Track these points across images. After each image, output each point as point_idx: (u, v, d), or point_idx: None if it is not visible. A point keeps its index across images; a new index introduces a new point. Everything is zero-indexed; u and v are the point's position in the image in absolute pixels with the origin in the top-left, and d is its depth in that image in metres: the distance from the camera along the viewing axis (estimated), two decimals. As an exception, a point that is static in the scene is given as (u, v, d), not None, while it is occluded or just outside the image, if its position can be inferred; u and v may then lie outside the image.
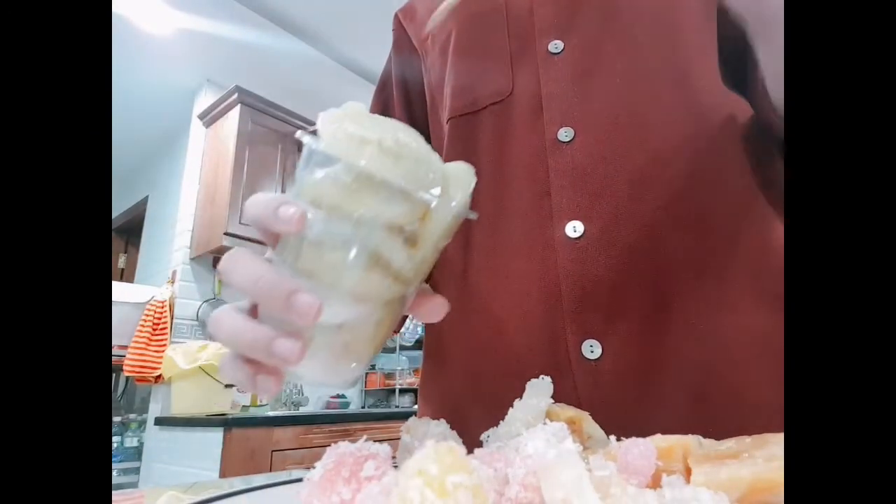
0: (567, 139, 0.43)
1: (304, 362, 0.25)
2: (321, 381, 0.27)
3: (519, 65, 0.48)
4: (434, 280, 0.52)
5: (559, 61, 0.46)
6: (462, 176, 0.27)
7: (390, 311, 0.27)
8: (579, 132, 0.43)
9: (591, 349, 0.38)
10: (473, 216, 0.26)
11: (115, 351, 2.34)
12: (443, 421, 0.32)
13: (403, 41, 0.61)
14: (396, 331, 0.57)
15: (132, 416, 2.64)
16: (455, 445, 0.16)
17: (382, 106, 0.62)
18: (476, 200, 0.48)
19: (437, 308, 0.29)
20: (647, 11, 0.45)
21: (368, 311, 0.26)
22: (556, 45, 0.46)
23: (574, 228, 0.41)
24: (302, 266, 0.25)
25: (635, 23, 0.44)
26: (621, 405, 0.37)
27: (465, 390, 0.46)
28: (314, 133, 0.25)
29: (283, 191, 2.50)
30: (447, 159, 0.52)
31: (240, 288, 0.25)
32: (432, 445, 0.16)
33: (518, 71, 0.48)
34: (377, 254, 0.24)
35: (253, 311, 0.27)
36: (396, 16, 0.62)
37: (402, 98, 0.60)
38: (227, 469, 1.89)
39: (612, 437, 0.23)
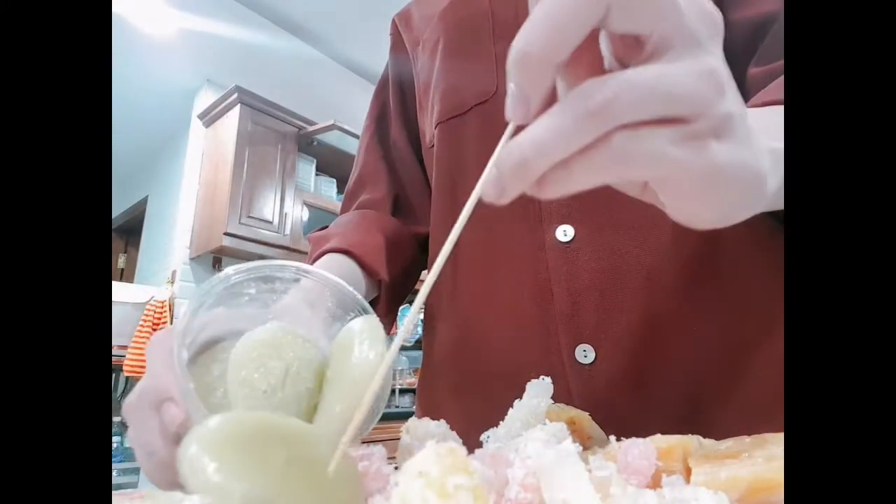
0: None
1: None
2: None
3: (504, 66, 0.48)
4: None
5: None
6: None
7: None
8: None
9: (585, 353, 0.38)
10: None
11: (115, 351, 2.34)
12: (443, 421, 0.32)
13: (399, 46, 0.62)
14: (389, 333, 0.58)
15: (132, 415, 2.64)
16: (456, 446, 0.16)
17: (380, 107, 0.63)
18: (465, 203, 0.48)
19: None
20: None
21: None
22: None
23: (564, 232, 0.41)
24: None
25: None
26: (616, 409, 0.37)
27: (462, 391, 0.46)
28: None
29: (283, 191, 2.51)
30: (437, 164, 0.52)
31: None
32: (433, 446, 0.16)
33: (503, 72, 0.48)
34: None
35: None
36: (393, 20, 0.63)
37: (398, 101, 0.61)
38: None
39: (612, 438, 0.23)
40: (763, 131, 0.22)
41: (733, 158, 0.19)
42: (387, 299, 0.52)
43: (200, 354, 0.27)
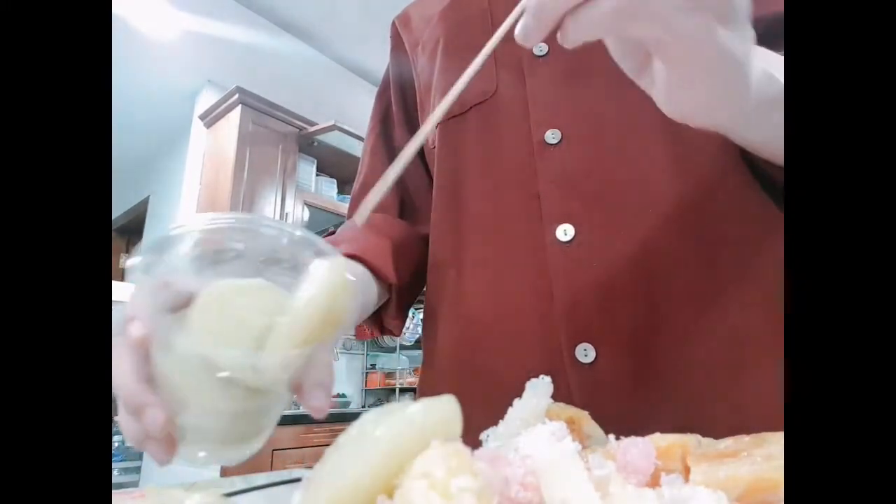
0: (554, 141, 0.43)
1: (181, 450, 0.26)
2: (207, 464, 0.27)
3: (503, 66, 0.48)
4: (428, 282, 0.53)
5: (544, 63, 0.46)
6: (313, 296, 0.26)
7: (263, 409, 0.27)
8: (566, 134, 0.43)
9: (585, 353, 0.38)
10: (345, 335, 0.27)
11: (115, 351, 2.34)
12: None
13: (400, 48, 0.62)
14: (398, 335, 0.57)
15: (133, 416, 2.64)
16: (461, 446, 0.16)
17: (383, 110, 0.63)
18: (466, 202, 0.48)
19: (315, 410, 0.28)
20: None
21: (231, 418, 0.26)
22: (541, 48, 0.46)
23: (565, 232, 0.41)
24: (158, 375, 0.26)
25: None
26: (616, 408, 0.37)
27: (462, 390, 0.46)
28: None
29: (283, 191, 2.51)
30: (438, 164, 0.53)
31: (113, 384, 0.26)
32: (437, 446, 0.16)
33: (502, 72, 0.48)
34: (222, 378, 0.25)
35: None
36: (393, 23, 0.63)
37: (399, 103, 0.62)
38: (228, 468, 1.89)
39: (611, 437, 0.23)
40: (763, 55, 0.26)
41: (731, 46, 0.22)
42: (397, 301, 0.52)
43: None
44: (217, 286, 0.26)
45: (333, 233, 0.55)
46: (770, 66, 0.27)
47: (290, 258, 0.29)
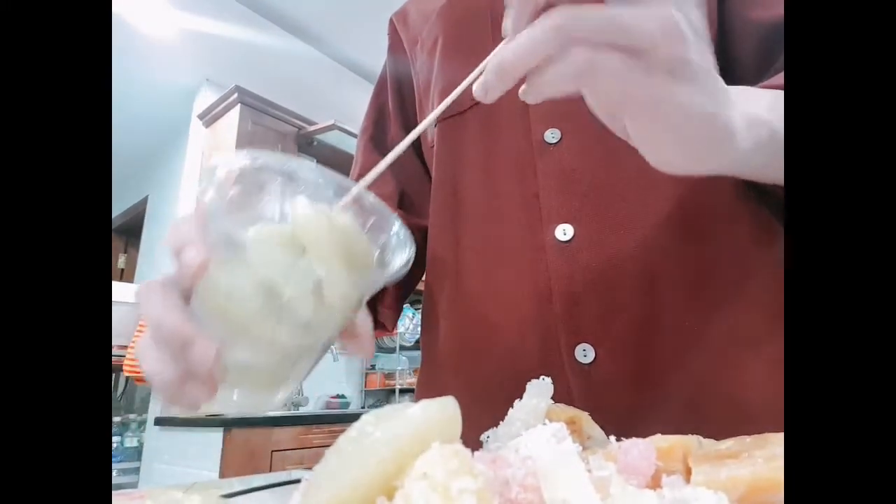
0: (554, 140, 0.43)
1: (220, 395, 0.25)
2: (239, 409, 0.27)
3: None
4: (427, 280, 0.52)
5: None
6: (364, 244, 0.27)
7: (308, 352, 0.27)
8: (566, 133, 0.43)
9: (584, 353, 0.38)
10: (404, 270, 0.27)
11: (115, 351, 2.34)
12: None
13: (397, 45, 0.61)
14: (391, 331, 0.57)
15: (132, 416, 2.64)
16: (461, 448, 0.16)
17: (379, 109, 0.63)
18: (465, 202, 0.48)
19: (362, 349, 0.29)
20: None
21: (281, 355, 0.26)
22: None
23: (564, 232, 0.41)
24: (212, 307, 0.25)
25: None
26: (616, 409, 0.37)
27: (462, 391, 0.46)
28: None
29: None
30: (437, 163, 0.53)
31: (148, 324, 0.25)
32: (437, 447, 0.16)
33: None
34: (284, 308, 0.24)
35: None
36: (391, 20, 0.63)
37: (396, 102, 0.61)
38: (227, 469, 1.88)
39: (612, 438, 0.23)
40: (745, 99, 0.26)
41: (690, 100, 0.22)
42: (393, 292, 0.52)
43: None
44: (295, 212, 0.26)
45: None
46: (758, 106, 0.27)
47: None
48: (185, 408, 0.26)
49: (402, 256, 0.29)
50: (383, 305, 0.53)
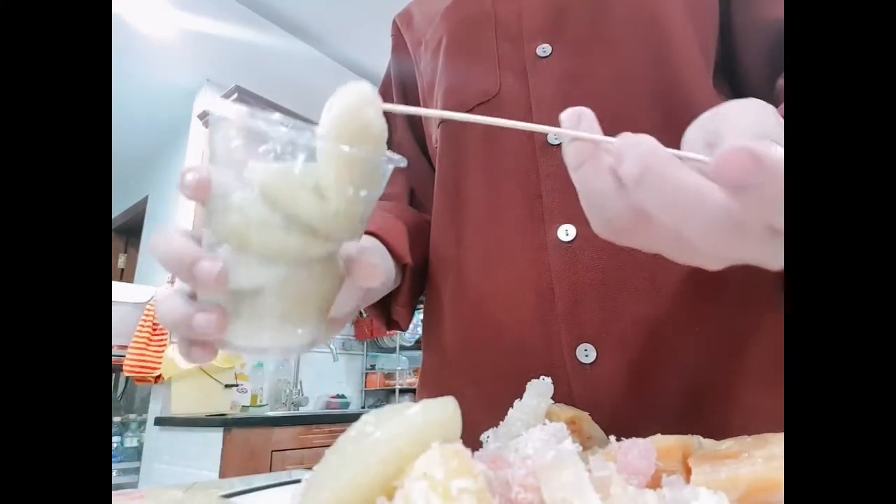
0: (556, 142, 0.43)
1: (238, 332, 0.25)
2: (265, 348, 0.26)
3: (507, 67, 0.48)
4: (430, 280, 0.52)
5: (547, 65, 0.46)
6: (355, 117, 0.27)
7: (320, 270, 0.26)
8: None
9: (586, 353, 0.38)
10: (397, 164, 0.27)
11: (115, 351, 2.34)
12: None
13: (401, 46, 0.62)
14: (405, 329, 0.57)
15: (132, 416, 2.64)
16: (461, 448, 0.16)
17: None
18: (468, 202, 0.48)
19: (369, 273, 0.28)
20: (634, 20, 0.45)
21: (290, 271, 0.25)
22: (544, 49, 0.46)
23: (566, 232, 0.41)
24: (216, 230, 0.25)
25: (622, 30, 0.45)
26: (616, 409, 0.37)
27: (462, 391, 0.46)
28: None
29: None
30: (440, 162, 0.52)
31: (160, 263, 0.26)
32: (438, 447, 0.16)
33: (506, 73, 0.48)
34: (284, 210, 0.24)
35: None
36: (394, 21, 0.63)
37: (400, 103, 0.61)
38: (227, 469, 1.88)
39: (612, 438, 0.23)
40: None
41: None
42: (409, 286, 0.52)
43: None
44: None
45: None
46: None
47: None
48: (201, 353, 0.26)
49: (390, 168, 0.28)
50: (398, 304, 0.53)
